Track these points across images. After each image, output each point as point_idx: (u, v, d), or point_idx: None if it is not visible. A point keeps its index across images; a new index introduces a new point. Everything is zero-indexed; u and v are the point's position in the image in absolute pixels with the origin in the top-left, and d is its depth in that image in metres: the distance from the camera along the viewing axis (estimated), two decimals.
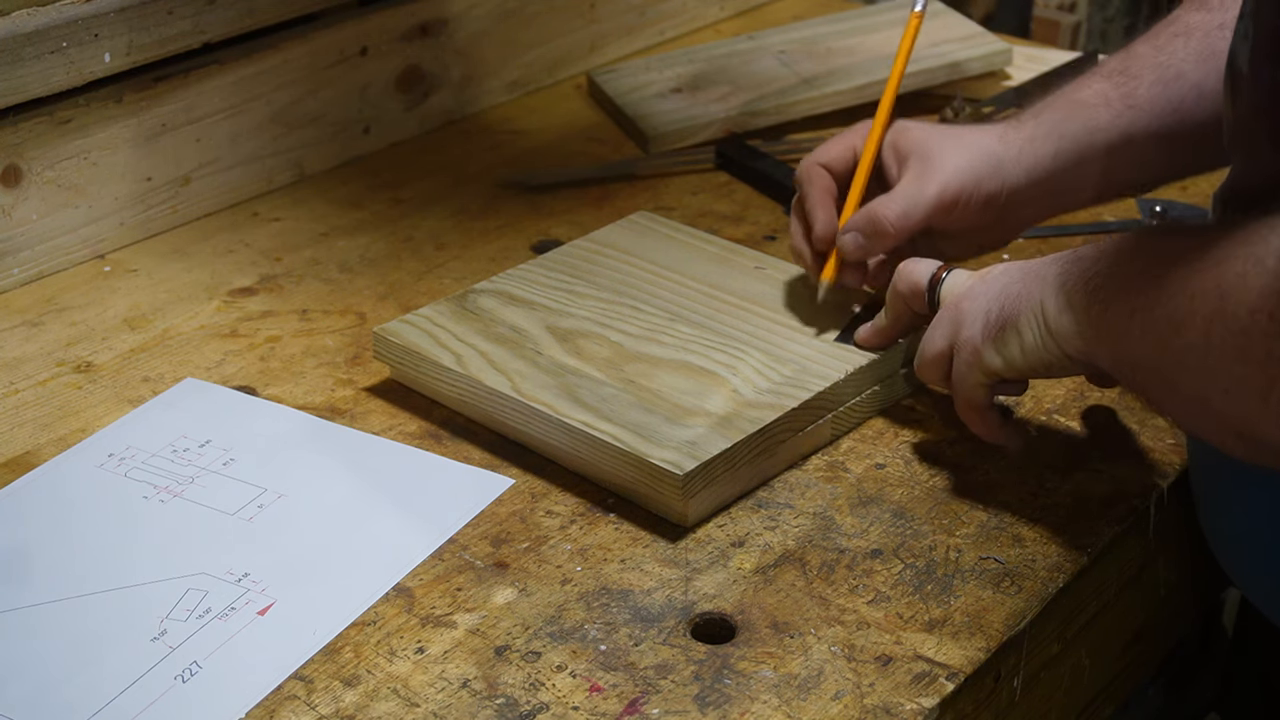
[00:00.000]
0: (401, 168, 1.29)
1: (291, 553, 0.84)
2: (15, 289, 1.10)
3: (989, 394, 0.86)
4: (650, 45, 1.52)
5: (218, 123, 1.19)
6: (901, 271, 0.91)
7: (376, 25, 1.27)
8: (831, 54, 1.40)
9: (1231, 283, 0.66)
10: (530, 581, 0.82)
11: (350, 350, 1.03)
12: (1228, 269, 0.67)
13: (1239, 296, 0.66)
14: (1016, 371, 0.83)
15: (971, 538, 0.85)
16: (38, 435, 0.94)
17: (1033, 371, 0.83)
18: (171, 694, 0.74)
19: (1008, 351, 0.83)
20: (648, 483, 0.85)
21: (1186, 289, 0.69)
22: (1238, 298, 0.66)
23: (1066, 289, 0.79)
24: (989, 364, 0.84)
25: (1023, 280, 0.83)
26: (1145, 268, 0.74)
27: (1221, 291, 0.67)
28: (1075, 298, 0.78)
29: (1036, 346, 0.81)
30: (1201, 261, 0.69)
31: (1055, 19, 2.50)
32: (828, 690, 0.75)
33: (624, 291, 1.02)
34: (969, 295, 0.86)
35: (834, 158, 0.98)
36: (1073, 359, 0.80)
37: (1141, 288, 0.73)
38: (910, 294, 0.91)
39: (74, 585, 0.81)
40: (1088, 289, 0.78)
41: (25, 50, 1.05)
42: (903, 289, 0.91)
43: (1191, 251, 0.70)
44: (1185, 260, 0.70)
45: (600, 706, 0.73)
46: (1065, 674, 0.87)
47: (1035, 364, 0.82)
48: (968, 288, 0.87)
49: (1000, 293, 0.84)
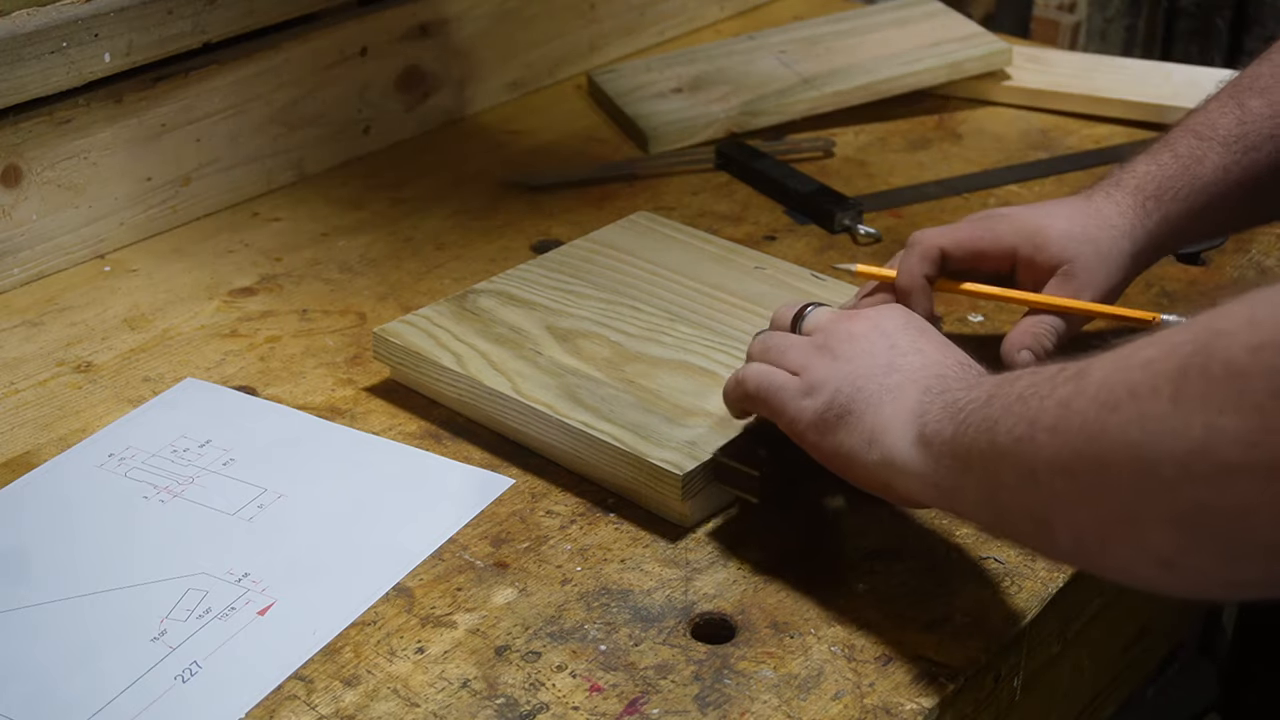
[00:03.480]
0: (401, 168, 1.29)
1: (291, 553, 0.84)
2: (15, 289, 1.10)
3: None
4: (650, 45, 1.52)
5: (218, 123, 1.19)
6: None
7: (376, 25, 1.27)
8: (831, 54, 1.40)
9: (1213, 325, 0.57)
10: (530, 581, 0.82)
11: (350, 350, 1.03)
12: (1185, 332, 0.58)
13: (1231, 336, 0.55)
14: (822, 460, 0.79)
15: (971, 538, 0.85)
16: (38, 435, 0.94)
17: (840, 471, 0.78)
18: (171, 694, 0.74)
19: (827, 441, 0.78)
20: (648, 483, 0.85)
21: (1133, 359, 0.60)
22: (1229, 338, 0.55)
23: (924, 425, 0.73)
24: (805, 439, 0.79)
25: (883, 379, 0.77)
26: (1055, 372, 0.65)
27: (1206, 339, 0.56)
28: (937, 429, 0.72)
29: (858, 458, 0.76)
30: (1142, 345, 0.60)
31: (1055, 19, 2.49)
32: (828, 690, 0.75)
33: (624, 291, 1.02)
34: (835, 355, 0.80)
35: (958, 244, 0.94)
36: (890, 487, 0.75)
37: (1054, 384, 0.64)
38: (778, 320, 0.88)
39: (74, 585, 0.81)
40: (955, 418, 0.70)
41: (25, 50, 1.05)
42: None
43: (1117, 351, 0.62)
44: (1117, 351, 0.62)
45: (600, 706, 0.73)
46: (1065, 674, 0.87)
47: (842, 469, 0.78)
48: (836, 339, 0.81)
49: (856, 378, 0.78)
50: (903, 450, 0.73)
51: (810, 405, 0.79)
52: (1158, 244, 0.94)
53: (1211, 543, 0.57)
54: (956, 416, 0.70)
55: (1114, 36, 2.58)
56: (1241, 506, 0.54)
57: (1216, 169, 0.92)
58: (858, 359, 0.78)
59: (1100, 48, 2.52)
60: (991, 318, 1.04)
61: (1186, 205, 0.93)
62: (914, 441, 0.73)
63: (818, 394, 0.78)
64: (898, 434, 0.74)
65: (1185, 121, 0.96)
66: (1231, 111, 0.93)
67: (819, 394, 0.78)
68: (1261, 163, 0.92)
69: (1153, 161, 0.95)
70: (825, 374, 0.79)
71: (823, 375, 0.79)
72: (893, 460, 0.74)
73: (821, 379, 0.79)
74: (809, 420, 0.78)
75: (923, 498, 0.74)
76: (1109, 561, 0.62)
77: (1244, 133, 0.92)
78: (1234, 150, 0.92)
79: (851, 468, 0.77)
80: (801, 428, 0.79)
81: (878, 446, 0.75)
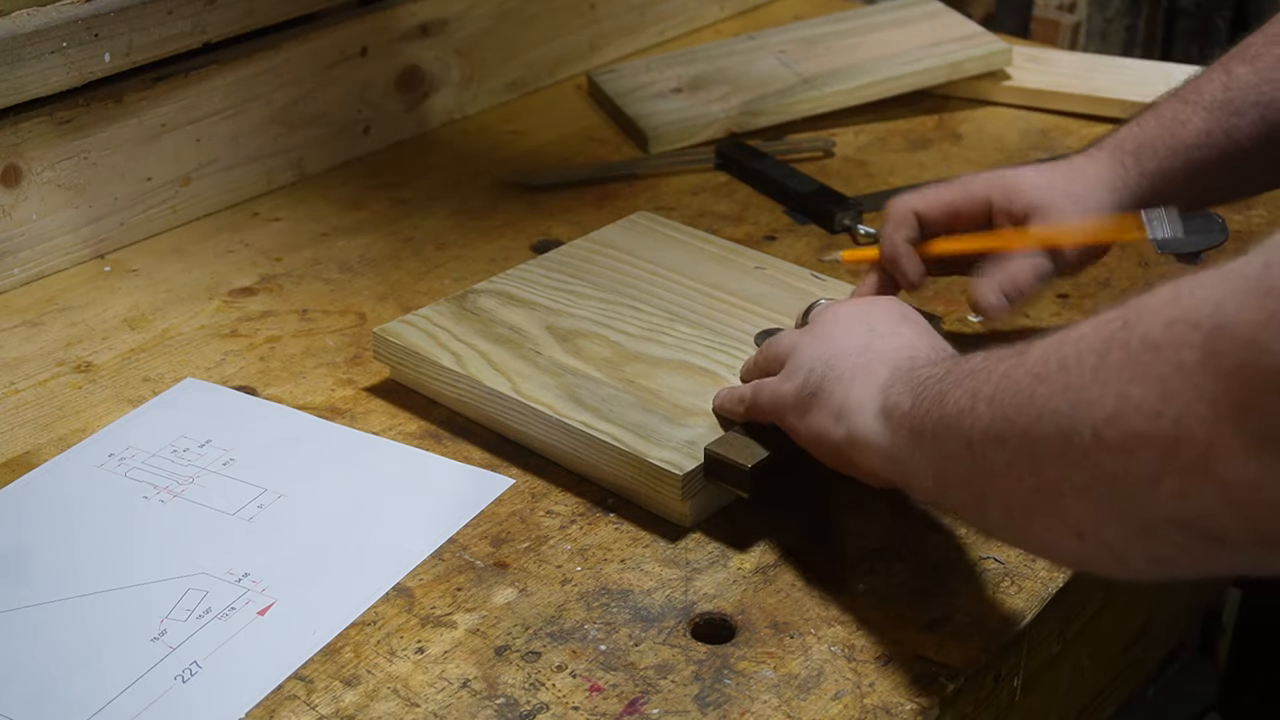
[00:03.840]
0: (401, 168, 1.29)
1: (291, 553, 0.84)
2: (15, 289, 1.10)
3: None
4: (650, 45, 1.52)
5: (218, 123, 1.19)
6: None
7: (376, 25, 1.27)
8: (831, 54, 1.40)
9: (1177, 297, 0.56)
10: (530, 581, 0.82)
11: (350, 350, 1.03)
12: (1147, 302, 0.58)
13: (1195, 309, 0.55)
14: (800, 441, 0.81)
15: (971, 538, 0.85)
16: (38, 435, 0.94)
17: (812, 450, 0.80)
18: (171, 694, 0.74)
19: (804, 422, 0.80)
20: (647, 483, 0.85)
21: (1077, 334, 0.61)
22: (1191, 306, 0.55)
23: (886, 397, 0.74)
24: (786, 420, 0.81)
25: (857, 358, 0.78)
26: (1008, 348, 0.66)
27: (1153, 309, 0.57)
28: (897, 401, 0.73)
29: (827, 435, 0.78)
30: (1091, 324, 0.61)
31: (1055, 19, 2.49)
32: (828, 690, 0.75)
33: (624, 291, 1.02)
34: (815, 336, 0.83)
35: (932, 207, 0.95)
36: (854, 464, 0.77)
37: (1000, 358, 0.66)
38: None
39: (74, 585, 0.81)
40: (915, 391, 0.72)
41: (25, 50, 1.05)
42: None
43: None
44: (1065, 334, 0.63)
45: (600, 706, 0.73)
46: (1065, 674, 0.87)
47: (814, 447, 0.80)
48: (821, 324, 0.84)
49: (831, 356, 0.80)
50: (865, 424, 0.75)
51: (789, 387, 0.81)
52: (1141, 202, 0.93)
53: (1122, 515, 0.58)
54: (916, 390, 0.72)
55: (1114, 36, 2.58)
56: (1147, 476, 0.56)
57: (1199, 132, 0.92)
58: (836, 339, 0.81)
59: (1100, 48, 2.52)
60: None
61: (1167, 164, 0.93)
62: (876, 414, 0.75)
63: (796, 375, 0.81)
64: (863, 409, 0.76)
65: (1174, 89, 0.97)
66: (1218, 78, 0.94)
67: (797, 375, 0.81)
68: (1244, 129, 0.92)
69: (1135, 124, 0.96)
70: (804, 354, 0.81)
71: (802, 356, 0.81)
72: (856, 435, 0.76)
73: (800, 359, 0.81)
74: (790, 403, 0.81)
75: (882, 472, 0.75)
76: (1032, 535, 0.64)
77: (1229, 98, 0.92)
78: (1216, 114, 0.92)
79: (822, 445, 0.79)
80: (784, 412, 0.81)
81: (844, 422, 0.76)
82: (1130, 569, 0.61)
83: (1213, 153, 0.92)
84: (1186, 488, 0.54)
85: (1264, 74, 0.92)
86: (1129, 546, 0.59)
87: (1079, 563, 0.67)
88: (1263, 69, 0.92)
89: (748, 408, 0.85)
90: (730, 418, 0.87)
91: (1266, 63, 0.92)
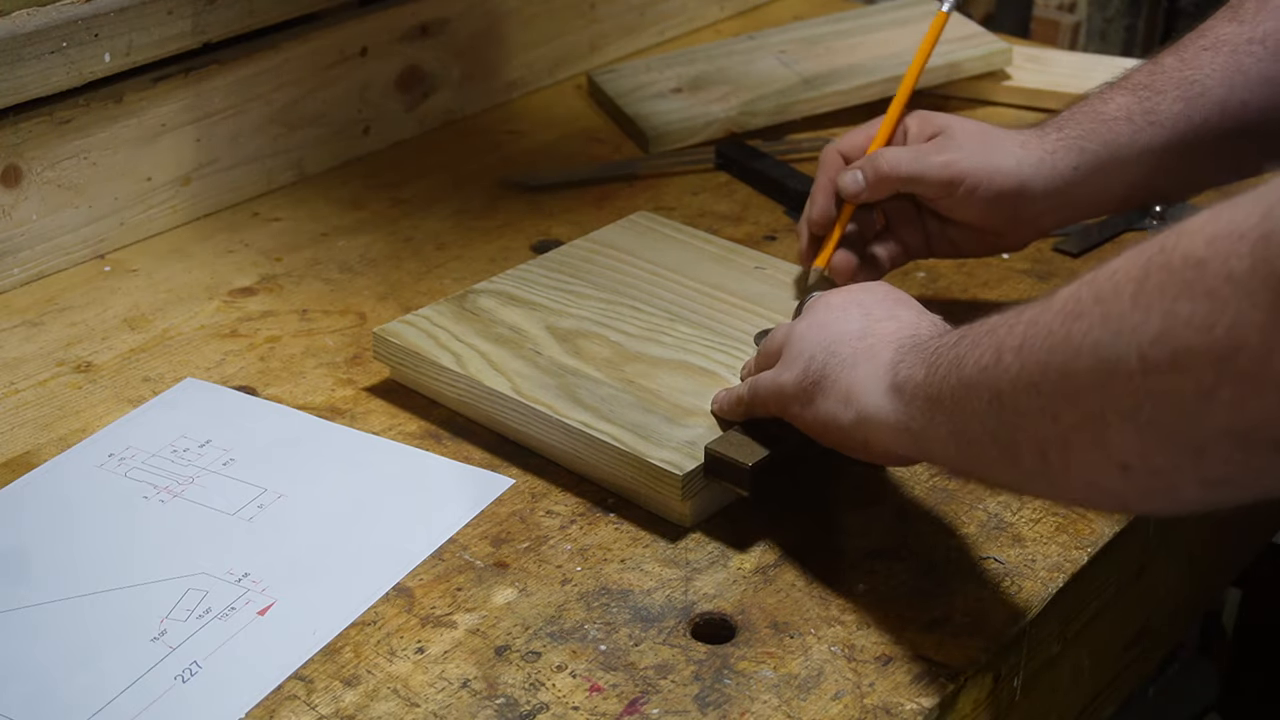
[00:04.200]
0: (401, 168, 1.29)
1: (291, 553, 0.84)
2: (15, 289, 1.10)
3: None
4: (650, 45, 1.52)
5: (218, 123, 1.19)
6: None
7: (376, 25, 1.27)
8: (831, 54, 1.40)
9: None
10: (530, 581, 0.82)
11: (350, 350, 1.03)
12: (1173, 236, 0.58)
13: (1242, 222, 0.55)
14: (806, 430, 0.81)
15: (971, 538, 0.85)
16: (38, 435, 0.94)
17: (821, 438, 0.81)
18: (171, 694, 0.74)
19: (809, 410, 0.80)
20: (647, 483, 0.85)
21: (1107, 269, 0.61)
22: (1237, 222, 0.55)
23: (896, 373, 0.75)
24: (789, 410, 0.82)
25: (857, 343, 0.79)
26: (1027, 305, 0.67)
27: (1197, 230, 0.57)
28: (909, 374, 0.74)
29: (836, 420, 0.78)
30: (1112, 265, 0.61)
31: (1055, 19, 2.50)
32: (828, 690, 0.75)
33: (624, 291, 1.02)
34: (810, 325, 0.83)
35: (854, 145, 1.00)
36: (868, 445, 0.77)
37: (1021, 311, 0.66)
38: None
39: (74, 585, 0.81)
40: (929, 361, 0.72)
41: (25, 50, 1.05)
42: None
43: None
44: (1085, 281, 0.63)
45: (600, 706, 0.73)
46: (1065, 674, 0.87)
47: (822, 433, 0.80)
48: (814, 313, 0.84)
49: (830, 342, 0.80)
50: (876, 402, 0.75)
51: (789, 377, 0.81)
52: (1063, 166, 0.95)
53: (1173, 436, 0.57)
54: (929, 360, 0.72)
55: (1114, 36, 2.58)
56: (1201, 391, 0.55)
57: (1119, 107, 0.95)
58: (832, 326, 0.81)
59: (1100, 48, 2.52)
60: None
61: (1086, 130, 0.95)
62: (886, 391, 0.75)
63: (795, 364, 0.81)
64: (872, 388, 0.76)
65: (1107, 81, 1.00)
66: (1146, 66, 0.97)
67: (796, 364, 0.81)
68: (1163, 108, 0.93)
69: (1065, 109, 0.99)
70: (801, 344, 0.81)
71: (799, 346, 0.81)
72: (867, 414, 0.76)
73: (798, 350, 0.81)
74: (792, 393, 0.81)
75: (898, 447, 0.75)
76: (1072, 477, 0.64)
77: (1151, 80, 0.95)
78: (1140, 93, 0.95)
79: (830, 431, 0.79)
80: (787, 402, 0.81)
81: (853, 404, 0.77)
82: (1180, 498, 0.61)
83: (1137, 132, 0.94)
84: (1244, 396, 0.54)
85: (1188, 62, 0.94)
86: (1179, 472, 0.58)
87: (1123, 501, 0.66)
88: (1187, 58, 0.95)
89: (747, 403, 0.85)
90: (730, 419, 0.87)
91: (1191, 51, 0.95)
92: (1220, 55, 0.93)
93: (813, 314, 0.83)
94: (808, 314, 0.84)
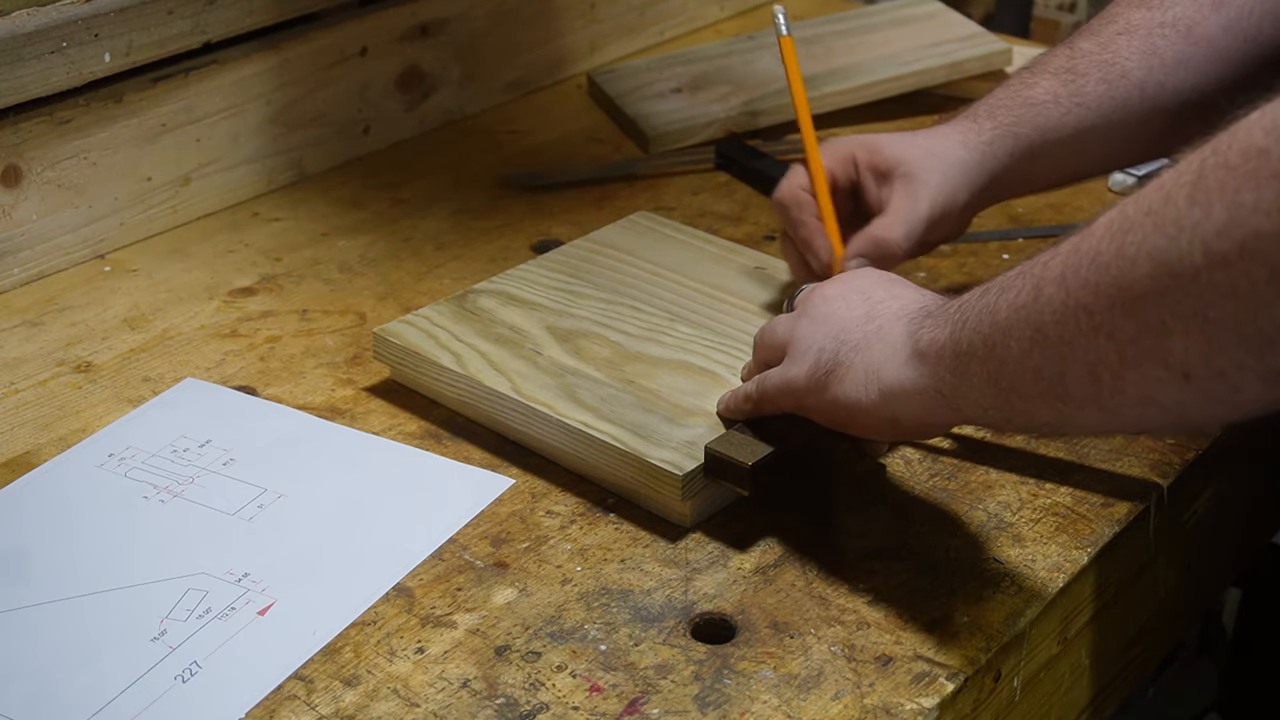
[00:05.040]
0: (401, 168, 1.29)
1: (291, 553, 0.84)
2: (15, 289, 1.10)
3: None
4: (650, 45, 1.52)
5: (218, 123, 1.19)
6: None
7: (376, 25, 1.27)
8: (831, 54, 1.40)
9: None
10: (530, 581, 0.82)
11: (350, 350, 1.03)
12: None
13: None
14: (827, 420, 0.81)
15: (971, 538, 0.85)
16: (38, 435, 0.94)
17: (844, 425, 0.80)
18: (171, 694, 0.74)
19: (825, 398, 0.80)
20: (647, 483, 0.85)
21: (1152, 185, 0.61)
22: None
23: (916, 341, 0.75)
24: (804, 403, 0.82)
25: (865, 326, 0.79)
26: (1061, 240, 0.67)
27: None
28: (932, 338, 0.74)
29: (859, 403, 0.78)
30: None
31: (1055, 19, 2.50)
32: (828, 690, 0.75)
33: (624, 291, 1.02)
34: (812, 318, 0.83)
35: (801, 186, 0.98)
36: (897, 420, 0.77)
37: (1056, 246, 0.66)
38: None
39: (74, 585, 0.81)
40: (952, 321, 0.72)
41: (25, 50, 1.05)
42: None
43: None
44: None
45: (600, 706, 0.73)
46: (1065, 674, 0.87)
47: (846, 420, 0.80)
48: (812, 304, 0.84)
49: (838, 331, 0.80)
50: (898, 374, 0.75)
51: (799, 370, 0.81)
52: (1001, 154, 0.96)
53: (1240, 330, 0.57)
54: (953, 319, 0.72)
55: None
56: (1272, 275, 0.55)
57: (1045, 91, 0.96)
58: (835, 315, 0.81)
59: None
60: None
61: (1016, 115, 0.96)
62: (908, 361, 0.75)
63: (804, 358, 0.81)
64: (892, 363, 0.76)
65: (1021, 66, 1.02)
66: (1062, 51, 0.98)
67: (805, 357, 0.81)
68: (1088, 90, 0.95)
69: (988, 94, 0.99)
70: (807, 337, 0.81)
71: (805, 339, 0.81)
72: (892, 389, 0.76)
73: (804, 343, 0.81)
74: (803, 385, 0.81)
75: (928, 415, 0.75)
76: (1126, 396, 0.63)
77: (1073, 64, 0.96)
78: (1062, 76, 0.96)
79: (855, 416, 0.79)
80: (800, 395, 0.81)
81: (874, 383, 0.77)
82: (1242, 399, 0.59)
83: (1063, 114, 0.96)
84: None
85: (1105, 45, 0.96)
86: (1244, 371, 0.58)
87: (1181, 414, 0.63)
88: (1104, 41, 0.96)
89: (756, 400, 0.85)
90: (738, 417, 0.87)
91: (1105, 36, 0.97)
92: (1135, 39, 0.95)
93: (811, 307, 0.83)
94: (805, 307, 0.84)
